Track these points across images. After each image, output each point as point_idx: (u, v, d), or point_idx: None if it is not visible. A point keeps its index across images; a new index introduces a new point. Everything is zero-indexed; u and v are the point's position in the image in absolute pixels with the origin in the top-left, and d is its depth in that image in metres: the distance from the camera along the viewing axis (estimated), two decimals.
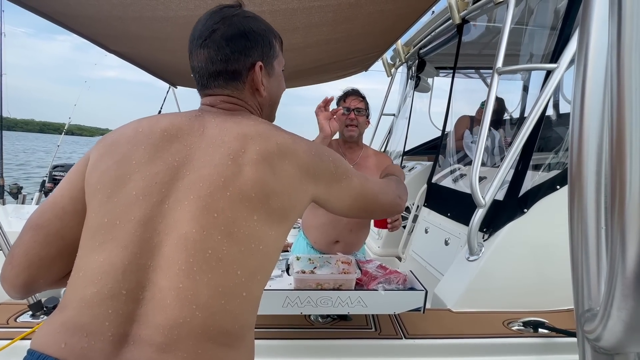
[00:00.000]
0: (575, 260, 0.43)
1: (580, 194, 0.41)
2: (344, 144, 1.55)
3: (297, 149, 0.62)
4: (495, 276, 1.42)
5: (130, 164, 0.56)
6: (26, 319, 1.14)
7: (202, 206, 0.53)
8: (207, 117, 0.64)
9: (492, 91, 1.45)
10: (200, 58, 0.65)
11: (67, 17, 1.65)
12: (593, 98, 0.40)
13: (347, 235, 1.52)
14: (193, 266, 0.50)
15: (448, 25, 2.25)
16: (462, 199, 1.77)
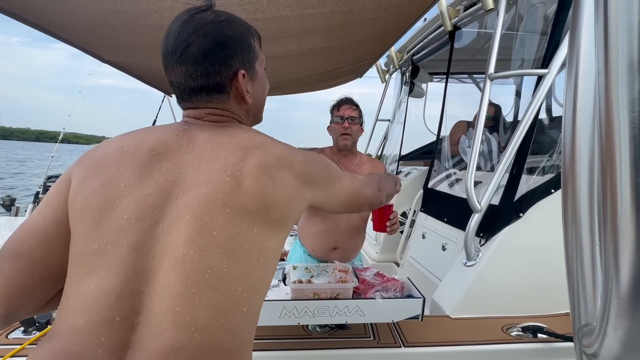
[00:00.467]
0: (571, 276, 0.43)
1: (574, 210, 0.41)
2: (339, 152, 1.56)
3: (294, 160, 0.61)
4: (493, 281, 1.42)
5: (119, 186, 0.53)
6: (18, 336, 1.12)
7: (200, 226, 0.51)
8: (195, 132, 0.61)
9: (484, 96, 1.47)
10: (178, 74, 0.62)
11: (60, 27, 1.65)
12: (584, 110, 0.41)
13: (345, 241, 1.52)
14: (192, 288, 0.49)
15: (440, 32, 2.28)
16: (458, 204, 1.77)
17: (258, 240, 0.54)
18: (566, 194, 0.45)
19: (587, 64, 0.42)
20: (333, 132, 1.55)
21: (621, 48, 0.34)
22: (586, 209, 0.41)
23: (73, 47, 1.90)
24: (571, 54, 0.46)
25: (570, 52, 0.46)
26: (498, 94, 2.86)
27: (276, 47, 1.92)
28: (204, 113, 0.64)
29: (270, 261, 0.58)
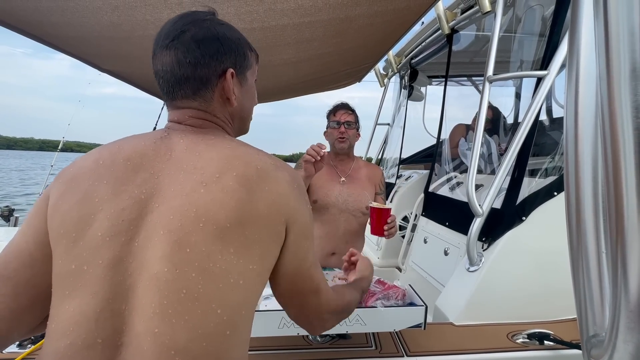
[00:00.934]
0: (577, 285, 0.41)
1: (578, 217, 0.40)
2: (336, 156, 1.57)
3: (279, 176, 0.55)
4: (497, 287, 1.39)
5: (93, 202, 0.51)
6: (12, 349, 1.10)
7: (174, 241, 0.48)
8: (174, 138, 0.57)
9: (484, 99, 1.45)
10: (166, 60, 0.57)
11: (58, 38, 1.65)
12: (585, 114, 0.39)
13: (343, 247, 1.51)
14: (168, 309, 0.46)
15: (438, 35, 2.28)
16: (460, 208, 1.75)
17: (235, 261, 0.49)
18: (569, 200, 0.43)
19: (588, 68, 0.40)
20: (329, 137, 1.57)
21: (623, 53, 0.32)
22: (591, 216, 0.40)
23: (72, 57, 1.90)
24: (571, 57, 0.45)
25: (570, 55, 0.45)
26: (497, 95, 2.85)
27: (274, 55, 1.92)
28: (186, 116, 0.60)
29: (254, 287, 0.53)
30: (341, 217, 1.50)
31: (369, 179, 1.58)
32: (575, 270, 0.42)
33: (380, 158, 3.45)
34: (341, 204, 1.49)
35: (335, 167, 1.56)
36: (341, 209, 1.49)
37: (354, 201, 1.50)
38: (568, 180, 0.42)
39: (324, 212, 1.50)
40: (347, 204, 1.50)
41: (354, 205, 1.50)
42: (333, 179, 1.53)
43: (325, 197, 1.49)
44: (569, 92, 0.41)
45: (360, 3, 1.45)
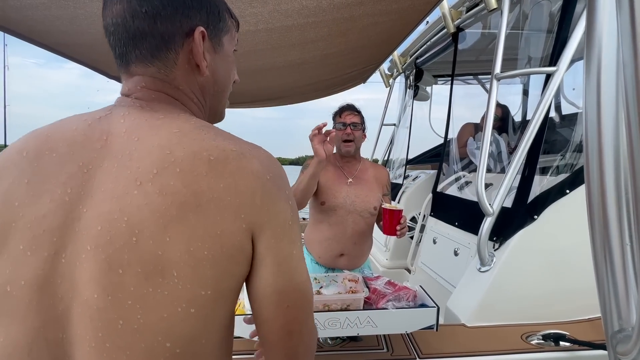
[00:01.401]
0: (600, 279, 0.40)
1: (601, 209, 0.39)
2: (342, 158, 1.57)
3: (243, 167, 0.42)
4: (510, 287, 1.37)
5: (13, 206, 0.40)
6: None
7: (102, 260, 0.37)
8: (114, 118, 0.44)
9: (491, 97, 1.44)
10: (117, 11, 0.45)
11: (68, 47, 1.68)
12: (606, 106, 0.38)
13: (351, 248, 1.52)
14: (105, 342, 0.37)
15: (443, 34, 2.26)
16: (469, 207, 1.73)
17: (181, 286, 0.38)
18: (591, 193, 0.42)
19: (608, 58, 0.39)
20: (335, 139, 1.52)
21: None
22: (614, 208, 0.38)
23: (81, 65, 1.94)
24: (590, 49, 0.43)
25: (588, 47, 0.44)
26: (505, 93, 2.82)
27: (279, 57, 1.93)
28: (138, 86, 0.47)
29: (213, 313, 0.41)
30: (349, 218, 1.50)
31: (376, 180, 1.59)
32: (598, 264, 0.41)
33: (387, 159, 3.43)
34: (349, 205, 1.49)
35: (342, 169, 1.55)
36: (349, 210, 1.49)
37: (361, 202, 1.50)
38: (589, 173, 0.41)
39: (332, 213, 1.50)
40: (354, 205, 1.49)
41: (361, 206, 1.50)
42: (340, 180, 1.53)
43: (333, 198, 1.49)
44: (587, 84, 0.40)
45: (364, 2, 1.45)
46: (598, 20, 0.40)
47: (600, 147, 0.37)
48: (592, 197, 0.41)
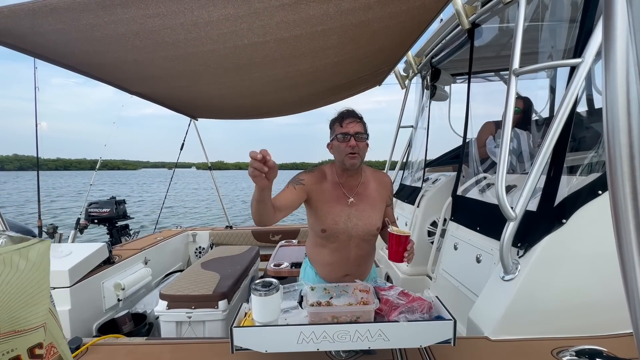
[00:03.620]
0: (631, 289, 0.35)
1: (629, 212, 0.34)
2: (343, 172, 1.39)
3: None
4: (537, 297, 1.27)
5: None
6: None
7: None
8: None
9: (510, 94, 1.36)
10: None
11: (91, 66, 1.77)
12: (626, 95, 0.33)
13: (355, 269, 1.47)
14: None
15: (459, 31, 2.18)
16: (491, 211, 1.63)
17: None
18: (616, 194, 0.38)
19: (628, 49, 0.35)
20: (337, 151, 1.35)
21: None
22: None
23: (104, 83, 2.04)
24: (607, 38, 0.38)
25: (605, 36, 0.39)
26: (532, 88, 2.67)
27: (290, 66, 1.94)
28: None
29: None
30: (351, 243, 1.40)
31: (379, 193, 1.44)
32: (627, 271, 0.36)
33: (405, 162, 3.34)
34: (350, 229, 1.37)
35: (342, 186, 1.39)
36: (351, 235, 1.37)
37: (363, 225, 1.37)
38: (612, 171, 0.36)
39: (333, 239, 1.39)
40: (356, 228, 1.37)
41: (364, 229, 1.38)
42: (340, 201, 1.38)
43: (334, 225, 1.36)
44: (607, 75, 0.35)
45: (372, 6, 1.42)
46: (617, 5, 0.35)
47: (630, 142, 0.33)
48: (618, 199, 0.36)
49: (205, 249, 3.75)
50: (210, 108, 3.02)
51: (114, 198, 3.68)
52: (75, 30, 1.32)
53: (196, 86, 2.21)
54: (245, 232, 3.79)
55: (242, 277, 2.51)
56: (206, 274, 2.43)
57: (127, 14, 1.21)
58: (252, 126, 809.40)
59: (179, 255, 3.58)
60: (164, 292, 2.09)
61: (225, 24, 1.35)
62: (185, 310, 2.03)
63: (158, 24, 1.29)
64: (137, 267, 2.71)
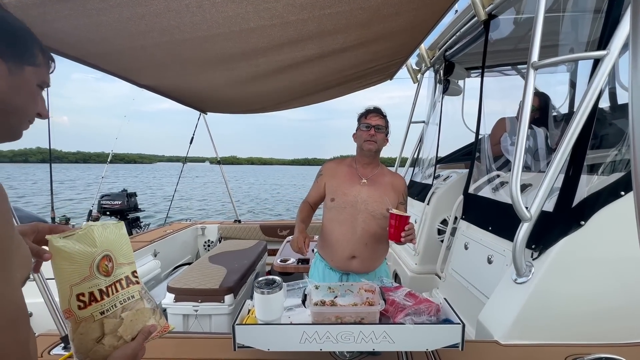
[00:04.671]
0: None
1: None
2: (360, 159, 1.57)
3: None
4: (552, 301, 1.22)
5: None
6: (59, 352, 1.17)
7: None
8: None
9: (528, 88, 1.29)
10: None
11: (98, 56, 1.76)
12: None
13: (362, 249, 1.49)
14: None
15: (474, 23, 2.10)
16: (504, 211, 1.57)
17: None
18: None
19: None
20: (358, 139, 1.55)
21: None
22: None
23: (113, 75, 2.04)
24: (636, 29, 0.34)
25: (634, 28, 0.35)
26: (551, 83, 2.56)
27: (296, 52, 1.89)
28: None
29: None
30: (359, 217, 1.47)
31: (393, 187, 1.55)
32: None
33: (416, 158, 3.28)
34: (360, 203, 1.47)
35: (357, 170, 1.55)
36: (359, 209, 1.47)
37: (374, 202, 1.47)
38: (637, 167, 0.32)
39: (341, 211, 1.49)
40: (366, 204, 1.47)
41: (374, 206, 1.46)
42: (353, 180, 1.53)
43: (342, 195, 1.49)
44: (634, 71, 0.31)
45: None
46: None
47: None
48: None
49: (214, 242, 3.78)
50: (219, 101, 3.00)
51: (125, 190, 3.74)
52: (82, 15, 1.32)
53: (203, 74, 2.18)
54: (253, 226, 3.80)
55: (249, 271, 2.52)
56: (213, 267, 2.44)
57: None
58: (265, 122, 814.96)
59: (188, 248, 3.61)
60: (171, 285, 2.11)
61: (230, 6, 1.32)
62: (192, 304, 2.04)
63: (163, 6, 1.28)
64: (146, 259, 2.75)
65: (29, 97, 0.61)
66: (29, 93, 0.61)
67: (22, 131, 0.63)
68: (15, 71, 0.57)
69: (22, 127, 0.62)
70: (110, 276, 0.63)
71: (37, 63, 0.61)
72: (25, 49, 0.59)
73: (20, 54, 0.58)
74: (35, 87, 0.62)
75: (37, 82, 0.62)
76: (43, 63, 0.63)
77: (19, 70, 0.58)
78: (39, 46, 0.62)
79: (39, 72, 0.62)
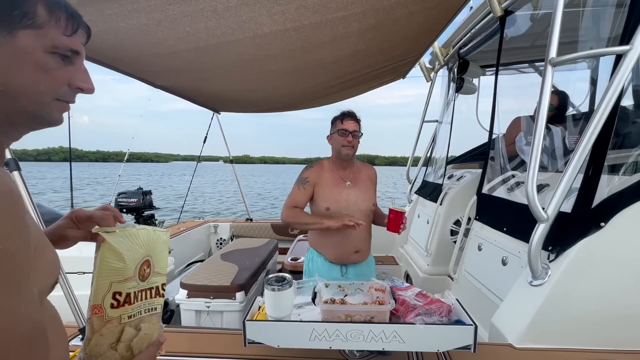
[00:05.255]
0: None
1: None
2: (338, 163, 1.70)
3: None
4: (569, 304, 1.18)
5: None
6: (77, 343, 1.21)
7: None
8: None
9: (546, 85, 1.25)
10: None
11: (117, 60, 1.82)
12: None
13: (362, 243, 1.68)
14: None
15: (490, 19, 2.05)
16: (520, 211, 1.53)
17: None
18: None
19: None
20: (335, 142, 1.66)
21: None
22: None
23: (129, 76, 2.09)
24: None
25: None
26: (571, 80, 2.48)
27: (310, 56, 1.91)
28: None
29: None
30: (355, 218, 1.57)
31: (369, 178, 1.76)
32: None
33: (429, 157, 3.23)
34: (351, 205, 1.62)
35: (338, 173, 1.69)
36: (352, 210, 1.61)
37: (362, 201, 1.65)
38: None
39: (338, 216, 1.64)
40: (357, 204, 1.63)
41: (363, 205, 1.65)
42: (339, 185, 1.66)
43: (336, 203, 1.61)
44: None
45: None
46: None
47: None
48: None
49: (226, 240, 3.82)
50: (233, 102, 3.04)
51: (141, 189, 3.83)
52: (101, 21, 1.36)
53: (218, 79, 2.23)
54: (265, 225, 3.83)
55: (260, 269, 2.54)
56: (225, 265, 2.47)
57: (148, 2, 1.23)
58: (278, 121, 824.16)
59: (200, 245, 3.67)
60: (184, 282, 2.15)
61: (243, 10, 1.33)
62: (204, 300, 2.08)
63: (178, 10, 1.30)
64: None
65: (35, 71, 0.46)
66: (34, 65, 0.46)
67: (51, 113, 0.49)
68: (3, 40, 0.44)
69: (46, 110, 0.48)
70: (144, 282, 0.61)
71: (37, 24, 0.45)
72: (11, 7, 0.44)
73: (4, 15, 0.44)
74: (44, 55, 0.46)
75: (45, 49, 0.46)
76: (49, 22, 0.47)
77: (10, 38, 0.44)
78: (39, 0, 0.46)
79: (43, 35, 0.46)
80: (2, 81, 0.44)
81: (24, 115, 0.47)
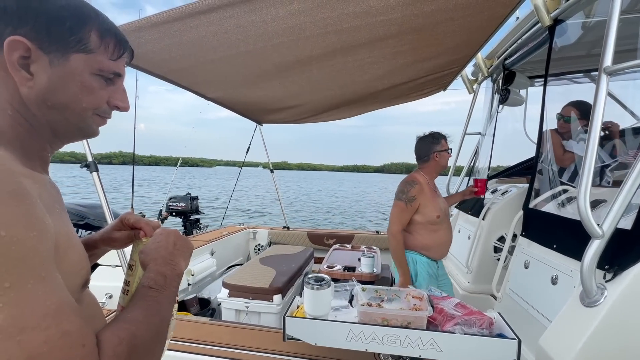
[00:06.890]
0: None
1: None
2: (433, 175, 2.05)
3: None
4: (628, 329, 1.08)
5: None
6: None
7: None
8: None
9: (600, 94, 1.19)
10: None
11: (175, 72, 2.03)
12: None
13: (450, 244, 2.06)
14: None
15: (538, 29, 1.99)
16: (572, 228, 1.44)
17: None
18: None
19: None
20: (443, 159, 2.02)
21: None
22: None
23: (185, 89, 2.32)
24: None
25: None
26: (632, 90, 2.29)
27: (349, 56, 1.97)
28: None
29: None
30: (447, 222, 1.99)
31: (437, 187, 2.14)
32: None
33: (472, 169, 3.12)
34: (445, 211, 1.98)
35: (431, 185, 2.02)
36: (446, 214, 1.99)
37: (447, 206, 2.05)
38: None
39: (444, 221, 1.97)
40: (447, 210, 2.01)
41: (448, 209, 2.04)
42: (434, 196, 1.98)
43: (440, 211, 1.93)
44: None
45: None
46: None
47: None
48: None
49: (264, 246, 3.96)
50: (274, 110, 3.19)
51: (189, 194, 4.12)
52: (168, 37, 1.55)
53: (261, 84, 2.34)
54: (301, 233, 3.91)
55: (297, 275, 2.60)
56: (264, 269, 2.57)
57: (208, 18, 1.39)
58: (315, 129, 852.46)
59: (240, 250, 3.84)
60: (226, 281, 2.27)
61: (290, 18, 1.45)
62: (243, 300, 2.17)
63: (232, 23, 1.45)
64: (205, 257, 2.99)
65: (80, 90, 0.52)
66: (79, 85, 0.51)
67: (91, 126, 0.56)
68: (57, 62, 0.49)
69: (87, 123, 0.55)
70: None
71: (88, 49, 0.51)
72: (69, 34, 0.49)
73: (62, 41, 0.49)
74: (90, 77, 0.52)
75: (91, 71, 0.52)
76: (99, 47, 0.52)
77: (63, 61, 0.50)
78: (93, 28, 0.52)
79: (92, 60, 0.52)
80: (51, 97, 0.50)
81: (67, 127, 0.54)
